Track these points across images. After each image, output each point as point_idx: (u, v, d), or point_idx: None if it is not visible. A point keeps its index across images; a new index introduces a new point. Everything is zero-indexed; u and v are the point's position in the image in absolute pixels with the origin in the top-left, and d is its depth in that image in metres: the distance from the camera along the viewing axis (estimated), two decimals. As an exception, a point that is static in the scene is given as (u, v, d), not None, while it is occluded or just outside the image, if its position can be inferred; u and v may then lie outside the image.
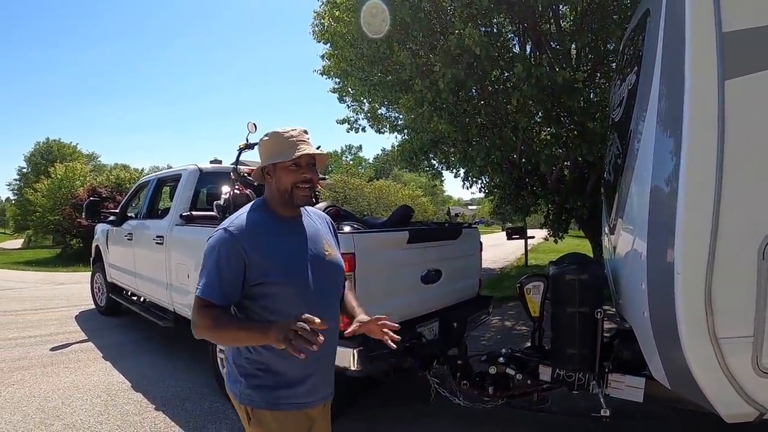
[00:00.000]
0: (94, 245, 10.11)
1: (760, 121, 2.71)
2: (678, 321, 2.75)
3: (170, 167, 17.56)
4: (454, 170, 13.31)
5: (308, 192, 2.26)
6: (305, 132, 2.28)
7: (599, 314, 3.73)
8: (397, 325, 2.28)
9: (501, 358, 4.21)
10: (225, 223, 2.22)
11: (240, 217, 2.24)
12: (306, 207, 2.42)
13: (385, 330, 2.25)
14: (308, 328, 1.77)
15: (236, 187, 5.98)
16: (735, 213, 2.65)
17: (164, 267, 6.47)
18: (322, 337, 1.81)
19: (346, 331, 2.25)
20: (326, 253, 2.36)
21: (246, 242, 2.12)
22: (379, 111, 13.48)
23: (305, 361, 1.95)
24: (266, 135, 2.29)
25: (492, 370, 4.18)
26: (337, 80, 13.42)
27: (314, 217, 2.47)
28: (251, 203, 2.37)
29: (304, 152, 2.19)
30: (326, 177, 10.81)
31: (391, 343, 2.23)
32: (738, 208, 2.66)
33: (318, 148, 6.62)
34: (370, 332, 2.31)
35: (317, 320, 1.79)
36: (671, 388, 3.14)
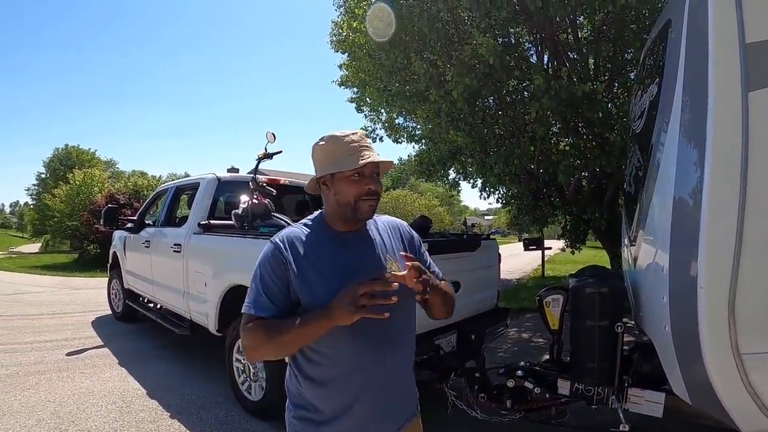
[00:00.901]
0: (111, 251, 10.17)
1: (785, 133, 2.67)
2: (700, 335, 2.71)
3: (188, 175, 17.68)
4: (472, 180, 13.31)
5: (374, 204, 2.00)
6: (366, 136, 2.03)
7: (619, 328, 3.69)
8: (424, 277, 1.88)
9: (519, 371, 4.17)
10: (276, 236, 2.05)
11: (292, 229, 2.07)
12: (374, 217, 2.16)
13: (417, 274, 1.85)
14: (376, 288, 1.68)
15: (255, 196, 6.00)
16: (759, 226, 2.61)
17: (181, 275, 6.49)
18: (395, 298, 1.70)
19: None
20: (388, 272, 1.95)
21: (290, 256, 1.95)
22: (397, 121, 13.51)
23: (345, 399, 1.94)
24: (322, 140, 2.03)
25: (510, 383, 4.15)
26: (355, 90, 13.46)
27: (383, 229, 2.19)
28: (307, 217, 2.15)
29: (369, 160, 1.92)
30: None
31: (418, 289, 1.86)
32: (762, 221, 2.62)
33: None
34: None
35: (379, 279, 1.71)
36: (692, 403, 3.09)
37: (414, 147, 14.65)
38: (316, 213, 2.14)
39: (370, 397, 2.00)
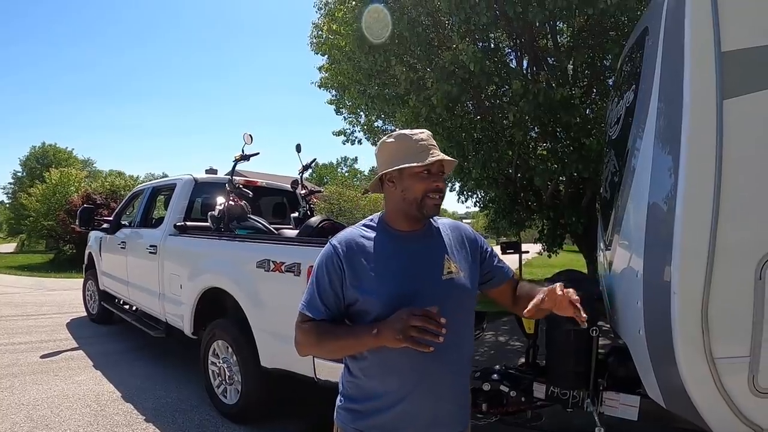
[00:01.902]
0: (87, 252, 10.08)
1: (759, 140, 2.71)
2: (674, 340, 2.73)
3: (166, 175, 17.55)
4: (450, 184, 13.31)
5: (440, 202, 2.03)
6: (432, 135, 2.09)
7: (594, 332, 3.71)
8: (577, 297, 1.92)
9: (495, 375, 4.17)
10: (334, 237, 2.08)
11: (348, 230, 2.10)
12: (434, 218, 2.16)
13: (574, 302, 1.90)
14: (429, 317, 1.66)
15: (231, 198, 5.97)
16: (732, 232, 2.64)
17: (157, 277, 6.45)
18: (444, 330, 1.67)
19: (526, 310, 1.93)
20: (446, 273, 2.04)
21: (345, 257, 1.97)
22: (376, 124, 13.50)
23: (397, 410, 1.93)
24: (391, 137, 2.07)
25: (486, 387, 4.15)
26: (334, 92, 13.45)
27: (443, 230, 2.18)
28: (368, 218, 2.16)
29: (438, 157, 1.98)
30: (321, 189, 10.83)
31: (583, 318, 1.88)
32: (735, 228, 2.66)
33: (314, 160, 6.56)
34: (556, 305, 1.93)
35: (435, 311, 1.68)
36: (666, 407, 3.11)
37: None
38: (377, 214, 2.16)
39: (422, 398, 1.96)
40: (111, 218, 8.89)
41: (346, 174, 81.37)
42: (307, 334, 1.98)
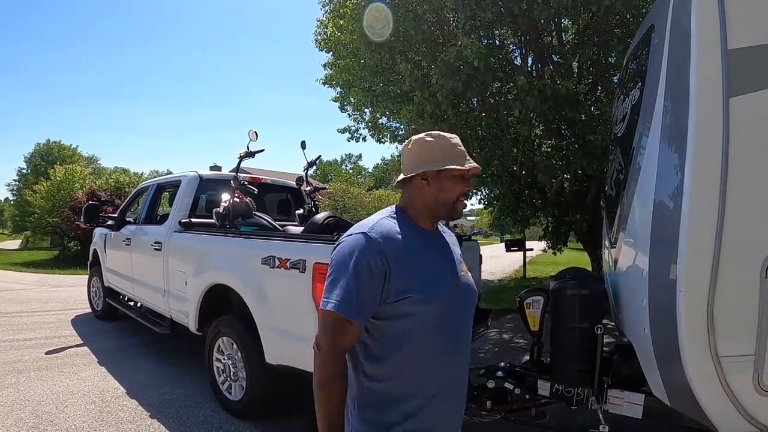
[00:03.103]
0: (91, 249, 10.09)
1: (765, 138, 2.70)
2: (679, 338, 2.73)
3: (170, 172, 17.56)
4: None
5: (466, 206, 2.12)
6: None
7: (599, 330, 3.70)
8: None
9: (499, 372, 4.17)
10: (361, 227, 1.92)
11: (380, 222, 1.95)
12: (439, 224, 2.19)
13: None
14: None
15: (236, 195, 5.97)
16: (738, 231, 2.64)
17: (162, 273, 6.45)
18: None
19: None
20: (462, 273, 2.13)
21: (389, 251, 1.85)
22: (380, 121, 13.49)
23: (409, 411, 1.87)
24: (428, 136, 2.05)
25: (490, 384, 4.15)
26: (339, 89, 13.44)
27: (448, 234, 2.24)
28: (384, 211, 2.08)
29: (475, 164, 2.04)
30: (326, 186, 10.84)
31: None
32: (741, 226, 2.65)
33: (319, 157, 6.58)
34: None
35: None
36: (671, 405, 3.11)
37: (397, 147, 14.67)
38: (392, 208, 2.09)
39: (439, 402, 1.96)
40: (116, 215, 8.88)
41: (351, 171, 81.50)
42: (334, 376, 1.85)
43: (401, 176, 2.08)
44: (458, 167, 1.98)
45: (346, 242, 1.90)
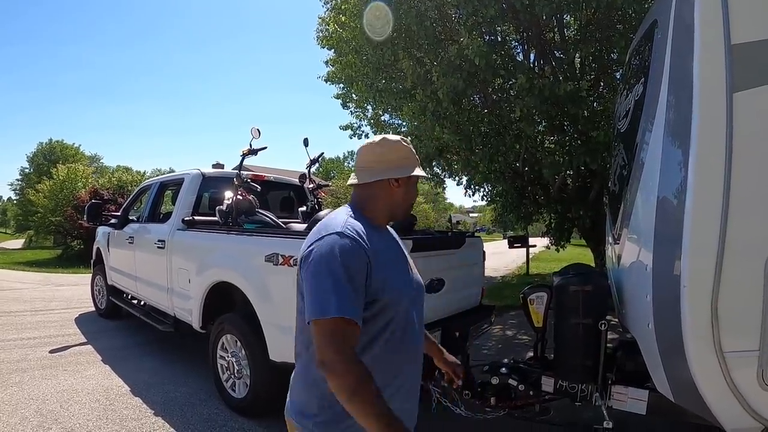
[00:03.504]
0: (95, 248, 10.10)
1: (768, 134, 2.70)
2: (684, 334, 2.73)
3: (173, 170, 17.57)
4: (457, 178, 13.31)
5: None
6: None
7: (603, 326, 3.70)
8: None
9: (503, 369, 4.18)
10: (335, 227, 1.87)
11: (349, 221, 1.93)
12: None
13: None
14: None
15: (239, 192, 5.97)
16: (742, 226, 2.63)
17: (165, 271, 6.46)
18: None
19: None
20: (414, 270, 2.19)
21: (369, 249, 1.84)
22: (383, 118, 13.49)
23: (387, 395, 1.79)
24: (404, 141, 2.10)
25: (494, 381, 4.16)
26: (341, 86, 13.44)
27: (394, 233, 2.28)
28: (343, 209, 2.08)
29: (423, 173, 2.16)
30: (329, 183, 10.82)
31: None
32: (745, 222, 2.64)
33: (322, 154, 6.60)
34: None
35: None
36: (675, 400, 3.11)
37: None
38: (345, 208, 2.08)
39: (400, 402, 1.96)
40: (119, 213, 8.89)
41: (353, 168, 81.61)
42: (359, 366, 1.71)
43: (375, 177, 2.05)
44: (422, 174, 2.12)
45: (322, 244, 1.84)
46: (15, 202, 66.52)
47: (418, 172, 2.09)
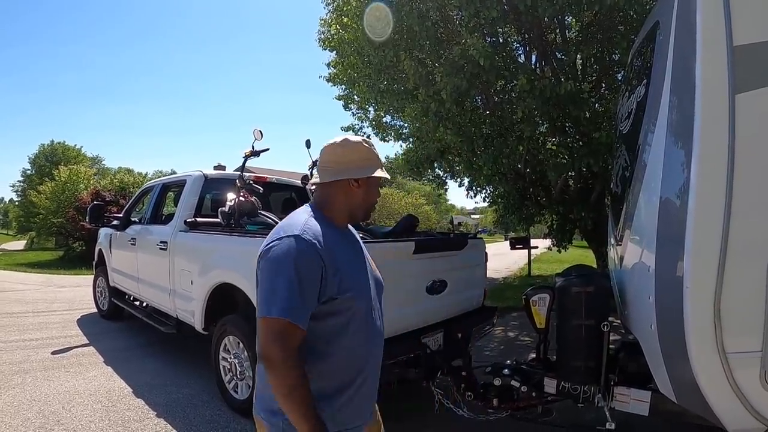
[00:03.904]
0: (97, 249, 10.10)
1: (771, 135, 2.70)
2: (686, 335, 2.74)
3: (174, 172, 17.60)
4: (459, 179, 13.32)
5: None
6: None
7: (605, 327, 3.71)
8: None
9: (506, 370, 4.19)
10: (294, 230, 1.94)
11: (308, 222, 2.00)
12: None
13: None
14: None
15: (241, 194, 5.97)
16: (745, 227, 2.64)
17: (167, 273, 6.46)
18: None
19: None
20: (373, 268, 2.31)
21: (324, 251, 1.91)
22: (384, 119, 13.50)
23: (348, 394, 2.00)
24: (365, 143, 2.16)
25: (497, 382, 4.16)
26: (343, 87, 13.45)
27: (354, 232, 2.36)
28: (304, 209, 2.15)
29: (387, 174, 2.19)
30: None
31: None
32: (748, 223, 2.65)
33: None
34: None
35: None
36: (678, 401, 3.11)
37: (401, 145, 14.67)
38: (306, 208, 2.16)
39: (363, 389, 2.09)
40: (121, 215, 8.90)
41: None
42: (295, 369, 1.82)
43: (335, 177, 2.10)
44: (384, 175, 2.15)
45: (279, 246, 1.90)
46: (17, 203, 66.50)
47: (379, 173, 2.13)
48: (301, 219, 2.02)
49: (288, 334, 1.80)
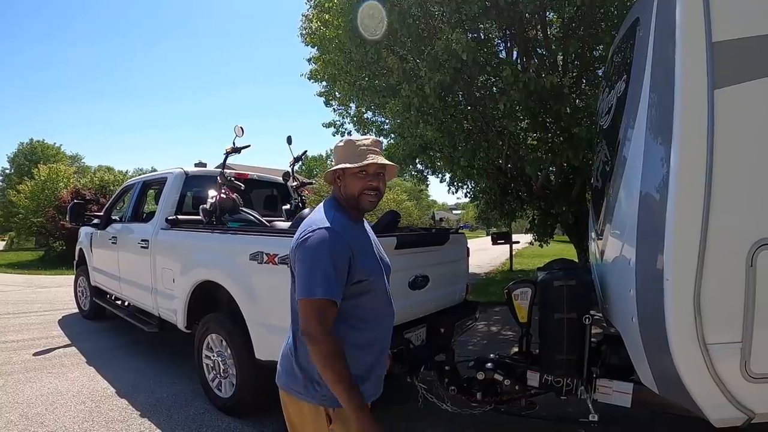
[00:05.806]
0: (77, 248, 10.00)
1: (749, 130, 2.74)
2: (667, 327, 2.77)
3: (155, 170, 17.48)
4: (440, 175, 13.33)
5: (374, 199, 2.35)
6: (378, 142, 2.38)
7: (587, 320, 3.74)
8: None
9: (489, 364, 4.21)
10: (322, 222, 2.23)
11: (331, 215, 2.28)
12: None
13: None
14: None
15: (223, 191, 5.95)
16: (724, 220, 2.68)
17: (149, 271, 6.42)
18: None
19: None
20: (383, 253, 2.54)
21: (351, 241, 2.22)
22: (366, 115, 13.47)
23: (373, 360, 2.34)
24: (341, 141, 2.40)
25: (480, 376, 4.19)
26: (324, 84, 13.40)
27: (366, 223, 2.57)
28: (324, 204, 2.42)
29: (372, 161, 2.28)
30: (312, 181, 10.80)
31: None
32: (727, 216, 2.69)
33: (305, 152, 6.60)
34: None
35: None
36: (660, 393, 3.15)
37: (383, 141, 14.63)
38: (331, 202, 2.42)
39: (383, 359, 2.47)
40: (101, 214, 8.82)
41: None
42: (334, 349, 2.10)
43: (328, 176, 2.44)
44: (352, 165, 2.29)
45: (314, 236, 2.17)
46: (-4, 203, 65.88)
47: (345, 165, 2.30)
48: (328, 214, 2.29)
49: (326, 310, 2.11)
